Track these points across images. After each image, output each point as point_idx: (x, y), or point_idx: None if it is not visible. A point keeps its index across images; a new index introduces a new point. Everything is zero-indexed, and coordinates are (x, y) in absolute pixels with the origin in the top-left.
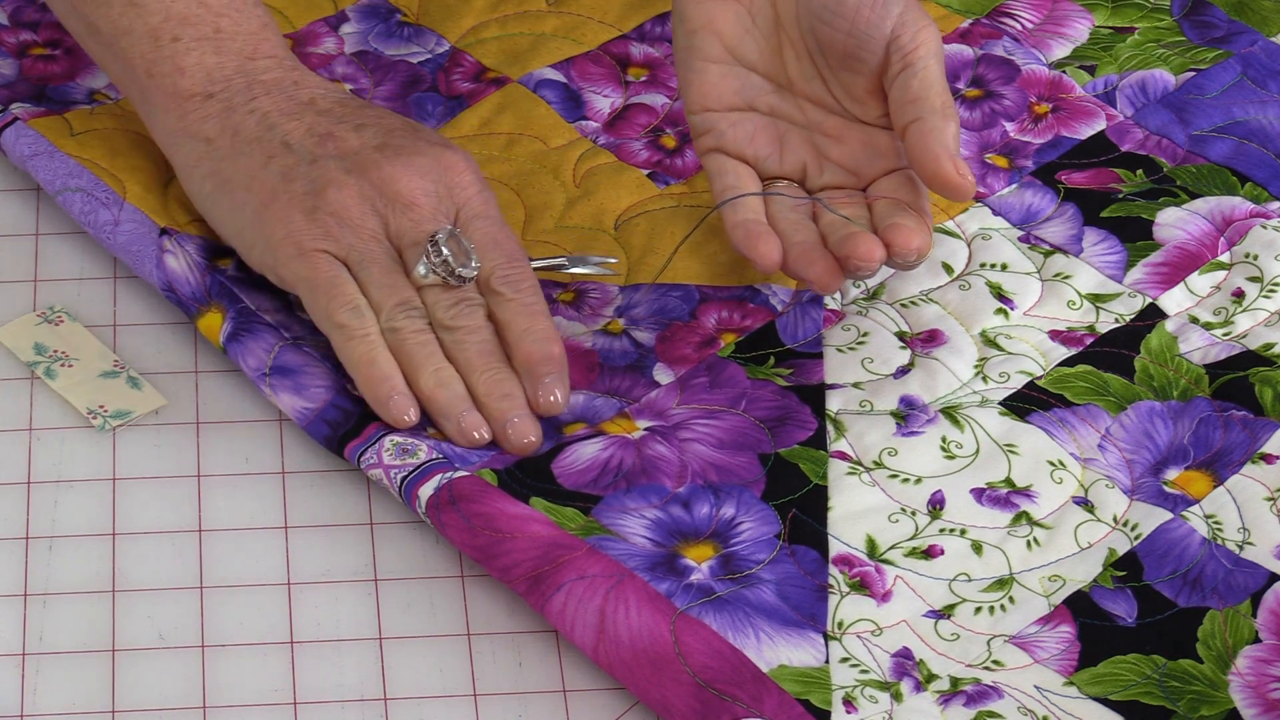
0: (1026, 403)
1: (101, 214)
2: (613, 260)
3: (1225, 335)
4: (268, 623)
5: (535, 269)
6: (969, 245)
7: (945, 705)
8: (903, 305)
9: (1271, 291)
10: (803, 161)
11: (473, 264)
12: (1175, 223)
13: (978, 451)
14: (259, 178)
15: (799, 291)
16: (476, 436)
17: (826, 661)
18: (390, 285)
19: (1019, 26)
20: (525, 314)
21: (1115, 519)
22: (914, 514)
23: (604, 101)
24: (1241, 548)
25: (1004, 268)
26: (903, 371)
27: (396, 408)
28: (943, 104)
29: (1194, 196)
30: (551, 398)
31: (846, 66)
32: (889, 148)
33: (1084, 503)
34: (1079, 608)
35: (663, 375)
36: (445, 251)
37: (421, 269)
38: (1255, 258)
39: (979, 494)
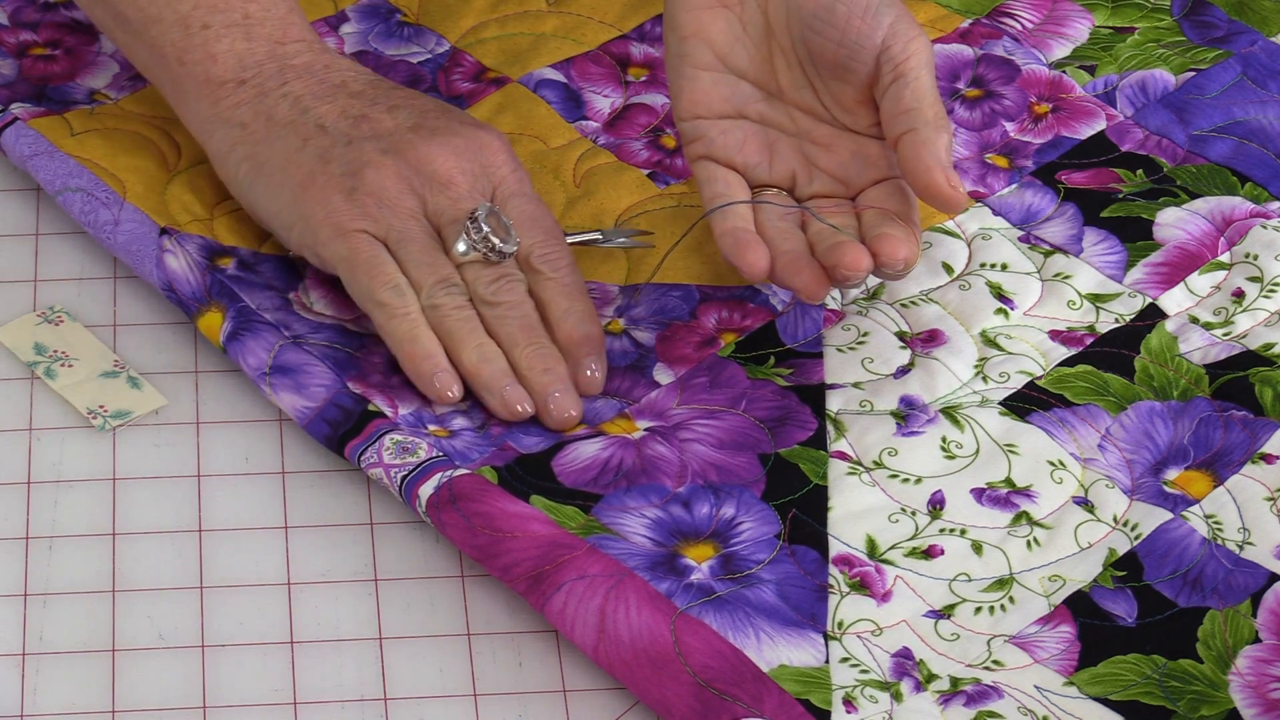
0: (1026, 403)
1: (101, 214)
2: (648, 232)
3: (1225, 335)
4: (268, 623)
5: (570, 244)
6: (969, 245)
7: (945, 705)
8: (903, 305)
9: (1271, 291)
10: (792, 170)
11: (513, 239)
12: (1175, 223)
13: (978, 451)
14: (295, 160)
15: None
16: (520, 410)
17: (826, 661)
18: (430, 263)
19: (1019, 26)
20: (565, 294)
21: (1115, 519)
22: (914, 514)
23: (604, 101)
24: (1241, 548)
25: (1004, 268)
26: (903, 371)
27: (440, 384)
28: (935, 115)
29: (1194, 196)
30: (589, 373)
31: (837, 76)
32: (879, 157)
33: (1084, 503)
34: (1079, 608)
35: (663, 375)
36: (485, 228)
37: (462, 246)
38: (1255, 258)
39: (979, 494)
